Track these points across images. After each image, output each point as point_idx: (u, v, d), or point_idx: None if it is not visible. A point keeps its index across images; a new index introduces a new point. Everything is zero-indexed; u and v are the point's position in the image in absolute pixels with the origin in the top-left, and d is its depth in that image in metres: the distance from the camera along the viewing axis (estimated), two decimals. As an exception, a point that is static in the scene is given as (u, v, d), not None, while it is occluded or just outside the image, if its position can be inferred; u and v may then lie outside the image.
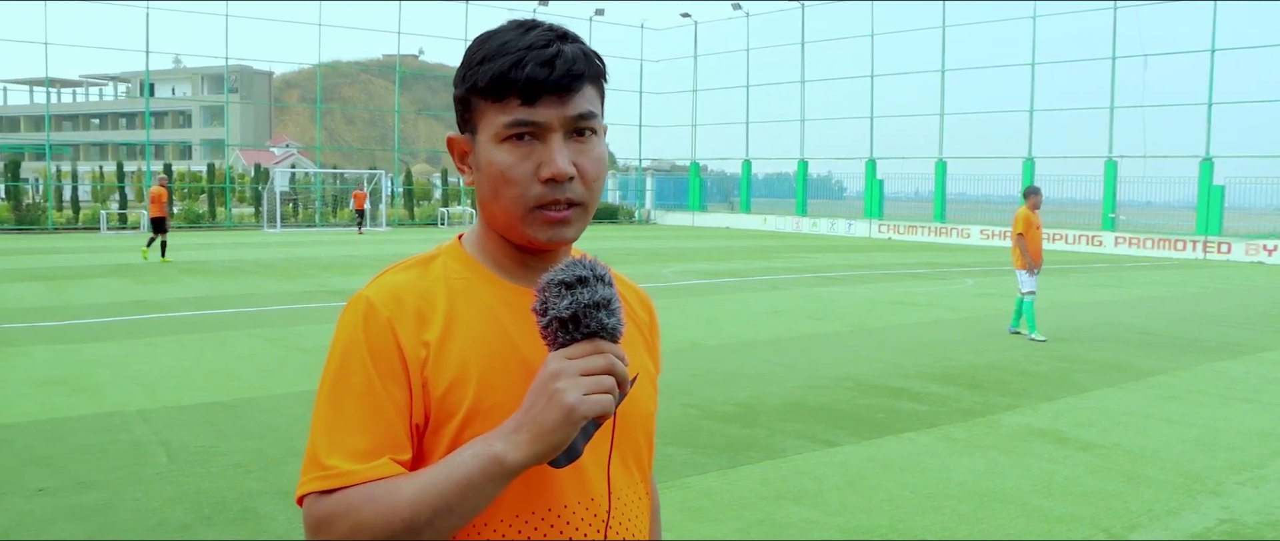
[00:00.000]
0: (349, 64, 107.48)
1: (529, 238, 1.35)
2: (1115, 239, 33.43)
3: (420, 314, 1.33)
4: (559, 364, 1.20)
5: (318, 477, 1.25)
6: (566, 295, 1.22)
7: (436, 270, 1.39)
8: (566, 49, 1.32)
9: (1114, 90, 35.24)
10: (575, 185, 1.33)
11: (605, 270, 1.26)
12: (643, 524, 1.46)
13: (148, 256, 22.39)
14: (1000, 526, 5.33)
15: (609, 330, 1.23)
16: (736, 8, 48.25)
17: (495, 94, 1.31)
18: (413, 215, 45.11)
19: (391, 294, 1.34)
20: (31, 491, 5.61)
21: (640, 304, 1.56)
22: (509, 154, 1.32)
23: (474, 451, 1.22)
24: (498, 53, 1.31)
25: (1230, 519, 5.53)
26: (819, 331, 12.50)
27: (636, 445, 1.45)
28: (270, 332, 11.56)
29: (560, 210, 1.33)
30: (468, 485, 1.20)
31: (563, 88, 1.30)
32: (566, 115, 1.31)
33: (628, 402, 1.39)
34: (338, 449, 1.25)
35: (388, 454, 1.26)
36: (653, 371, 1.52)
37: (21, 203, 36.74)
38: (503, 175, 1.32)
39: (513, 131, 1.31)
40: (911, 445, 6.97)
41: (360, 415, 1.27)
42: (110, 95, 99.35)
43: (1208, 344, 12.06)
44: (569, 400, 1.18)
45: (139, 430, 7.00)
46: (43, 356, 9.82)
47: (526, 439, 1.19)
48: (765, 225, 45.26)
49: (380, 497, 1.21)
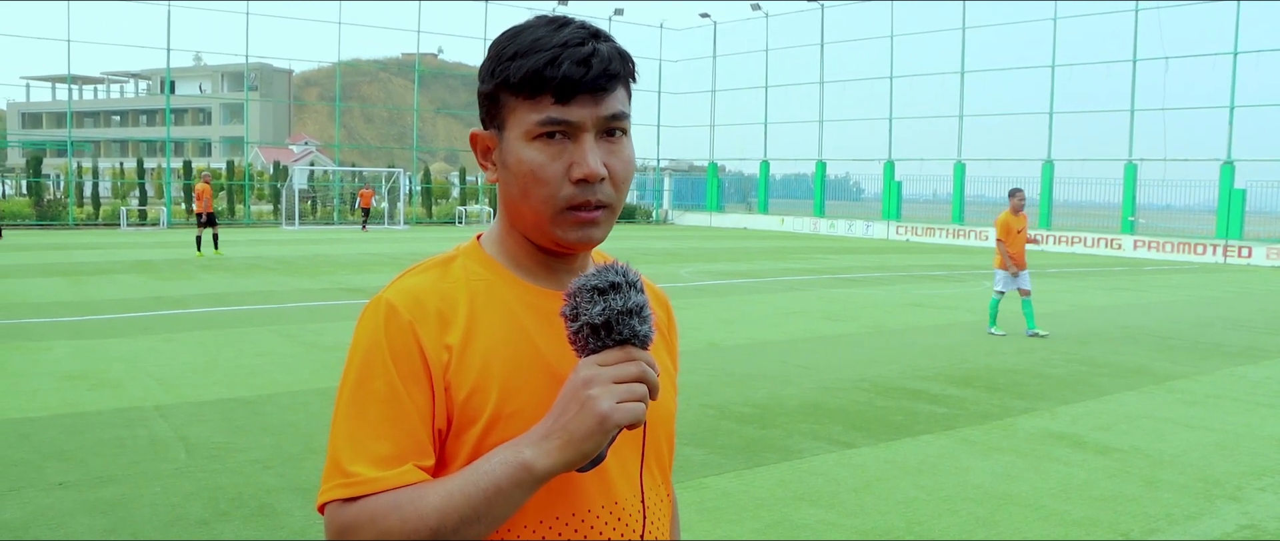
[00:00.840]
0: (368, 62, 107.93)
1: (557, 238, 1.33)
2: (1135, 242, 33.23)
3: (442, 316, 1.30)
4: (591, 371, 1.19)
5: (341, 485, 1.23)
6: (599, 301, 1.20)
7: (456, 272, 1.37)
8: (602, 48, 1.30)
9: (1134, 93, 35.04)
10: (605, 186, 1.31)
11: (637, 276, 1.24)
12: (666, 524, 1.46)
13: (202, 255, 22.39)
14: (1017, 529, 5.30)
15: (641, 337, 1.21)
16: (755, 8, 48.17)
17: (528, 91, 1.28)
18: (430, 213, 45.24)
19: (412, 296, 1.31)
20: (51, 485, 5.65)
21: (658, 303, 1.54)
22: (540, 152, 1.29)
23: (502, 458, 1.20)
24: (531, 49, 1.28)
25: (1250, 524, 5.48)
26: (836, 333, 12.47)
27: (659, 447, 1.44)
28: (288, 329, 11.61)
29: (590, 211, 1.30)
30: (496, 492, 1.18)
31: (597, 87, 1.28)
32: (599, 115, 1.29)
33: (655, 406, 1.36)
34: (361, 455, 1.23)
35: (412, 460, 1.24)
36: (672, 371, 1.51)
37: (43, 198, 36.99)
38: (533, 174, 1.30)
39: (545, 130, 1.28)
40: (928, 447, 6.95)
41: (383, 420, 1.25)
42: (131, 92, 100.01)
43: (1228, 348, 11.98)
44: (603, 408, 1.17)
45: (157, 425, 7.04)
46: (63, 351, 9.88)
47: (557, 446, 1.18)
48: (783, 226, 45.19)
49: (405, 505, 1.19)
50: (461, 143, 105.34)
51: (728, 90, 51.60)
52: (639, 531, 1.36)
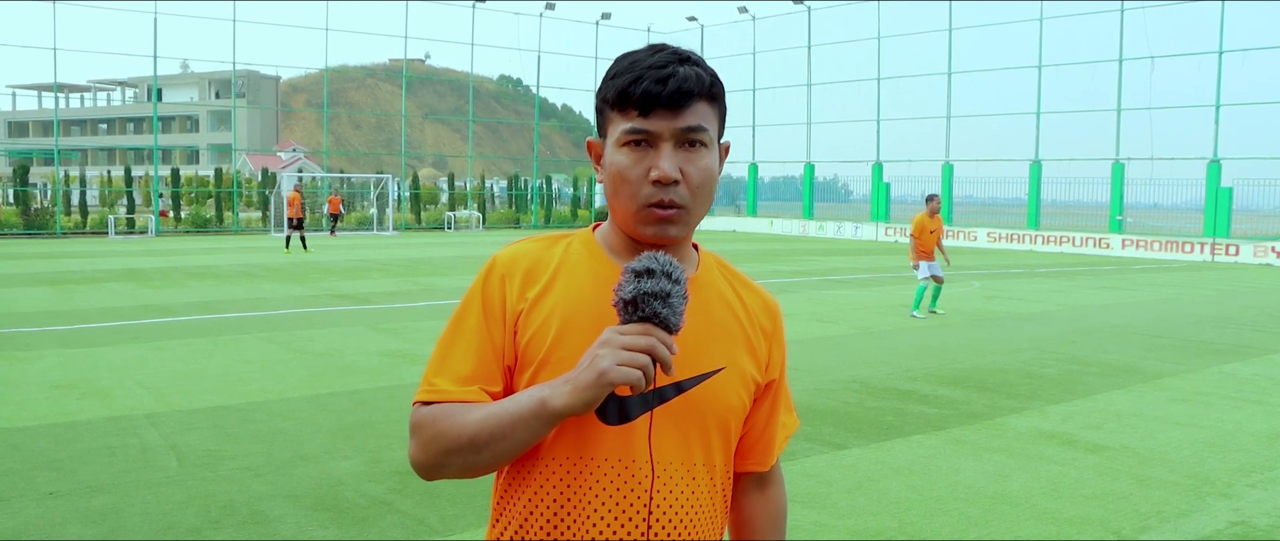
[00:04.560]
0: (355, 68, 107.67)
1: (640, 233, 1.54)
2: (1123, 241, 33.36)
3: (530, 274, 1.58)
4: (608, 335, 1.40)
5: (424, 390, 1.55)
6: (634, 281, 1.39)
7: (561, 246, 1.63)
8: (681, 70, 1.50)
9: (1121, 92, 35.19)
10: (680, 189, 1.51)
11: (676, 269, 1.40)
12: (700, 506, 1.58)
13: (304, 250, 26.41)
14: (1009, 529, 5.32)
15: (661, 318, 1.38)
16: (742, 11, 48.25)
17: (619, 105, 1.52)
18: (419, 219, 45.16)
19: (512, 255, 1.61)
20: (42, 495, 5.62)
21: (765, 311, 1.71)
22: (627, 157, 1.52)
23: (529, 394, 1.44)
24: (625, 70, 1.52)
25: (1241, 520, 5.51)
26: (826, 334, 12.49)
27: (705, 431, 1.58)
28: (278, 336, 11.58)
29: (665, 209, 1.51)
30: (518, 419, 1.43)
31: (674, 103, 1.49)
32: (676, 127, 1.50)
33: (704, 391, 1.56)
34: (445, 371, 1.55)
35: (480, 384, 1.53)
36: (749, 373, 1.64)
37: (30, 207, 36.83)
38: (620, 175, 1.52)
39: (630, 138, 1.51)
40: (920, 448, 6.96)
41: (466, 348, 1.56)
42: (118, 100, 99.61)
43: (1217, 346, 12.03)
44: (602, 365, 1.36)
45: (148, 434, 7.01)
46: (52, 360, 9.84)
47: (568, 391, 1.39)
48: (772, 228, 45.25)
49: (458, 415, 1.48)
50: (449, 148, 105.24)
51: (716, 93, 51.59)
52: (645, 497, 1.52)
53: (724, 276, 1.70)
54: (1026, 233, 36.05)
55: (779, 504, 1.81)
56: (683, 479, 1.55)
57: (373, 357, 10.24)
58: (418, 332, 12.05)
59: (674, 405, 1.54)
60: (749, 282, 1.74)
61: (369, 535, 5.05)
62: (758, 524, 1.77)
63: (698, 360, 1.56)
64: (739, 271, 1.74)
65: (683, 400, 1.55)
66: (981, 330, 13.13)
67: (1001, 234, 36.48)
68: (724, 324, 1.63)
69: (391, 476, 6.05)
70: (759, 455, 1.74)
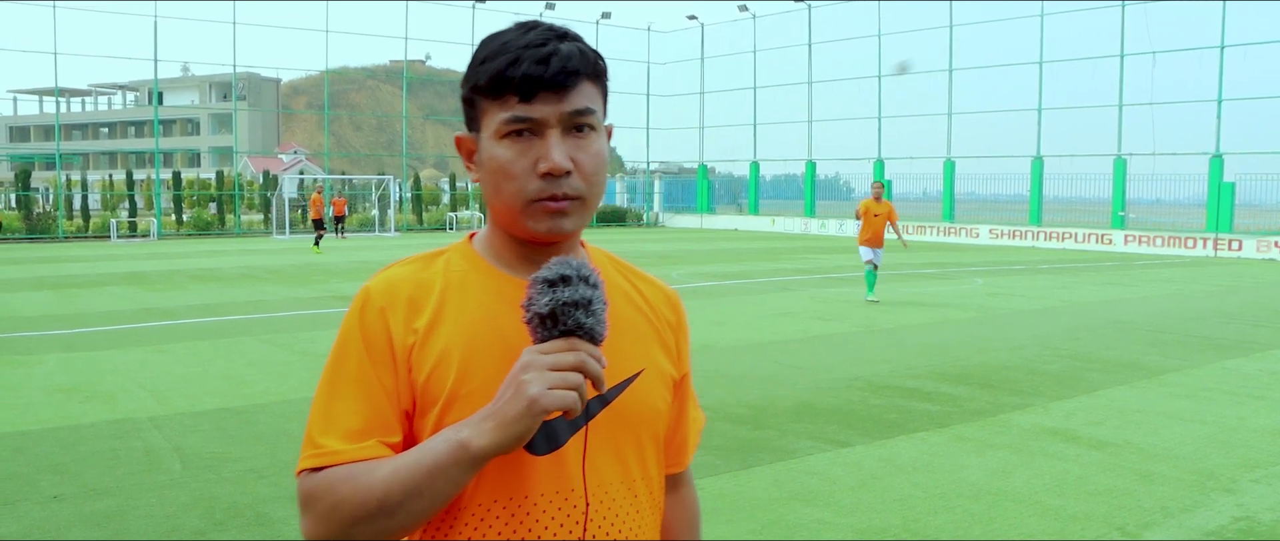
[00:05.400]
0: (356, 70, 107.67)
1: (530, 230, 1.38)
2: (1125, 237, 33.32)
3: (413, 302, 1.38)
4: (530, 357, 1.23)
5: (310, 455, 1.33)
6: (548, 292, 1.24)
7: (438, 264, 1.44)
8: (562, 47, 1.35)
9: (1122, 88, 35.15)
10: (573, 180, 1.35)
11: (591, 272, 1.27)
12: (642, 524, 1.45)
13: (317, 251, 27.34)
14: (1013, 525, 5.31)
15: (586, 329, 1.24)
16: (743, 9, 48.24)
17: (494, 92, 1.35)
18: (421, 220, 45.18)
19: (388, 284, 1.40)
20: (46, 498, 5.63)
21: (666, 303, 1.58)
22: (508, 149, 1.35)
23: (444, 436, 1.25)
24: (498, 52, 1.35)
25: (1245, 516, 5.50)
26: (829, 332, 12.49)
27: (638, 442, 1.45)
28: (281, 338, 11.59)
29: (557, 202, 1.35)
30: (436, 469, 1.24)
31: (558, 84, 1.33)
32: (563, 111, 1.34)
33: (629, 399, 1.42)
34: (331, 429, 1.33)
35: (376, 436, 1.32)
36: (667, 370, 1.51)
37: (32, 212, 36.89)
38: (502, 170, 1.36)
39: (511, 128, 1.34)
40: (923, 445, 6.96)
41: (353, 398, 1.35)
42: (119, 104, 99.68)
43: (1220, 341, 12.02)
44: (531, 392, 1.20)
45: (151, 436, 7.02)
46: (55, 364, 9.85)
47: (491, 427, 1.22)
48: (774, 227, 45.24)
49: (359, 477, 1.28)
50: (451, 149, 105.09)
51: (716, 92, 51.68)
52: (582, 522, 1.37)
53: (620, 272, 1.56)
54: (1028, 229, 36.03)
55: (694, 505, 1.70)
56: (625, 498, 1.42)
57: (375, 359, 10.23)
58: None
59: (603, 420, 1.39)
60: (645, 276, 1.60)
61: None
62: (675, 527, 1.65)
63: (616, 365, 1.39)
64: (631, 265, 1.61)
65: (610, 412, 1.40)
66: (984, 327, 13.12)
67: (1003, 230, 36.45)
68: (633, 323, 1.49)
69: (395, 477, 6.04)
70: (674, 455, 1.62)
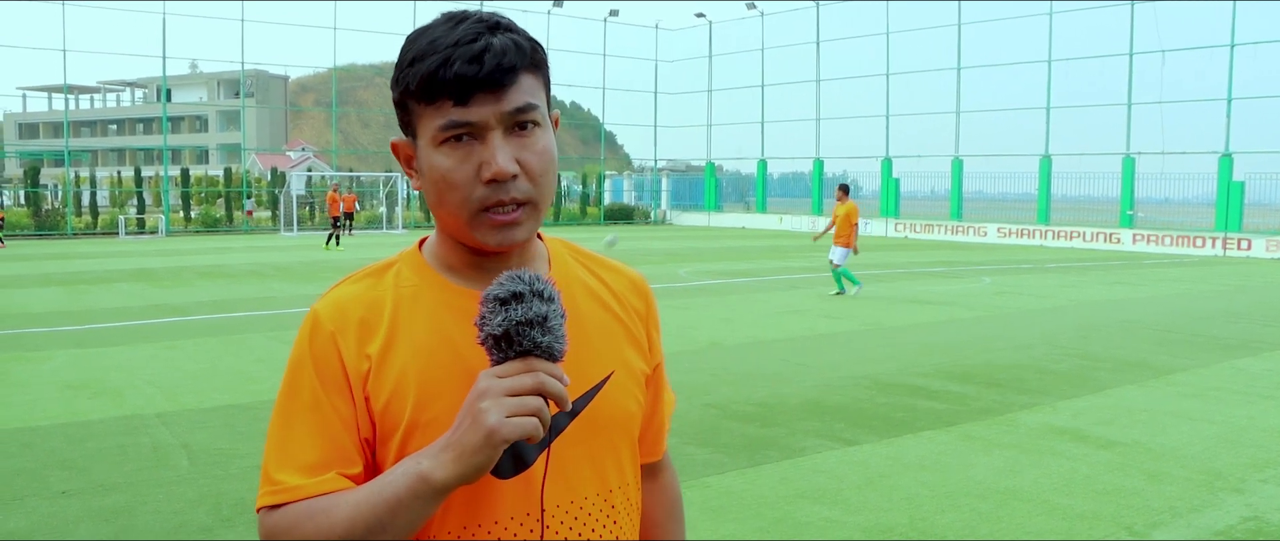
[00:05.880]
0: (364, 67, 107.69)
1: (479, 240, 1.29)
2: (1134, 236, 33.24)
3: (365, 324, 1.30)
4: (486, 383, 1.16)
5: (268, 492, 1.25)
6: (500, 311, 1.17)
7: (389, 279, 1.36)
8: (495, 41, 1.24)
9: (1131, 86, 35.05)
10: (521, 182, 1.26)
11: (546, 286, 1.19)
12: (619, 532, 1.40)
13: (337, 248, 27.86)
14: (1021, 524, 5.30)
15: (543, 348, 1.17)
16: (751, 7, 48.20)
17: (427, 96, 1.25)
18: (428, 218, 45.17)
19: (337, 307, 1.32)
20: (55, 493, 5.65)
21: (634, 291, 1.49)
22: (448, 157, 1.25)
23: (403, 469, 1.18)
24: (427, 52, 1.24)
25: (1254, 516, 5.48)
26: (836, 330, 12.47)
27: (614, 448, 1.38)
28: (289, 335, 11.59)
29: (507, 212, 1.26)
30: (397, 503, 1.17)
31: (495, 83, 1.23)
32: (503, 111, 1.24)
33: (602, 405, 1.35)
34: (287, 463, 1.26)
35: (335, 468, 1.25)
36: (638, 368, 1.44)
37: (41, 208, 37.01)
38: (444, 179, 1.26)
39: (449, 134, 1.25)
40: (931, 443, 6.95)
41: (308, 430, 1.27)
42: (127, 101, 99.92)
43: (1228, 341, 11.98)
44: (490, 422, 1.13)
45: (159, 433, 7.03)
46: (64, 360, 9.88)
47: (451, 458, 1.16)
48: (781, 225, 45.21)
49: (319, 514, 1.21)
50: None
51: (724, 90, 51.65)
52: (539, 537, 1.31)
53: (582, 264, 1.47)
54: (1036, 228, 35.96)
55: (674, 491, 1.64)
56: (601, 509, 1.36)
57: (383, 356, 10.24)
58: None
59: (573, 432, 1.32)
60: (610, 264, 1.50)
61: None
62: (654, 517, 1.59)
63: (582, 372, 1.33)
64: (595, 253, 1.52)
65: (580, 422, 1.33)
66: (991, 326, 13.10)
67: (1011, 229, 36.38)
68: (598, 321, 1.40)
69: (402, 474, 6.05)
70: (649, 446, 1.55)
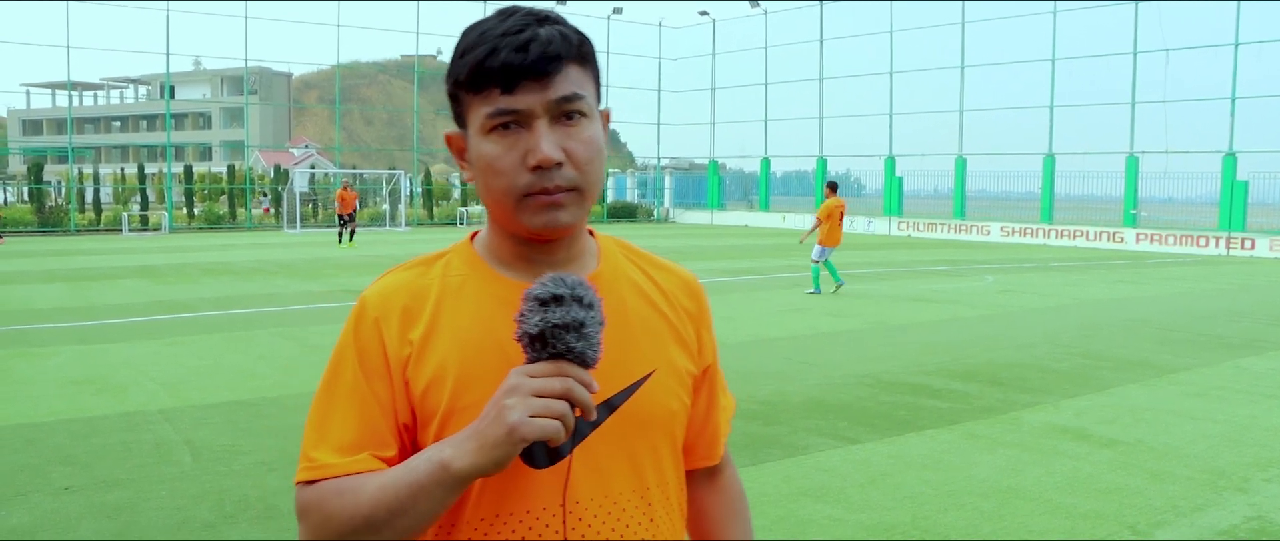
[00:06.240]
0: (367, 65, 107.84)
1: (525, 226, 1.32)
2: (1137, 235, 33.19)
3: (408, 312, 1.34)
4: (515, 380, 1.18)
5: (304, 468, 1.31)
6: (538, 312, 1.18)
7: (437, 269, 1.40)
8: (542, 32, 1.28)
9: (1135, 85, 34.98)
10: (566, 170, 1.29)
11: (588, 292, 1.20)
12: (656, 531, 1.40)
13: (352, 246, 27.94)
14: (1023, 523, 5.30)
15: (577, 353, 1.18)
16: (755, 5, 48.14)
17: (476, 85, 1.29)
18: (432, 215, 45.24)
19: (383, 294, 1.37)
20: (58, 489, 5.66)
21: (685, 291, 1.51)
22: (495, 144, 1.29)
23: (428, 456, 1.21)
24: (476, 43, 1.29)
25: (1258, 515, 5.48)
26: (839, 329, 12.47)
27: (653, 446, 1.39)
28: (292, 332, 11.61)
29: (550, 195, 1.29)
30: (418, 489, 1.20)
31: (540, 72, 1.27)
32: (548, 99, 1.28)
33: (641, 401, 1.36)
34: (324, 442, 1.31)
35: (369, 450, 1.30)
36: (683, 367, 1.45)
37: (44, 205, 37.01)
38: (491, 166, 1.30)
39: (497, 121, 1.28)
40: (933, 442, 6.95)
41: (346, 412, 1.32)
42: (131, 98, 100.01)
43: (1232, 340, 11.97)
44: (512, 419, 1.15)
45: (162, 429, 7.04)
46: (67, 356, 9.89)
47: (472, 449, 1.18)
48: (784, 223, 45.16)
49: (347, 492, 1.25)
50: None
51: (728, 88, 51.60)
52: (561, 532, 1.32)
53: (633, 261, 1.49)
54: (1039, 226, 35.92)
55: (734, 491, 1.63)
56: (637, 506, 1.37)
57: (386, 353, 10.24)
58: (430, 328, 12.06)
59: (610, 427, 1.34)
60: (661, 263, 1.52)
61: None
62: (716, 516, 1.59)
63: (624, 368, 1.35)
64: (648, 252, 1.54)
65: (618, 418, 1.34)
66: (995, 324, 13.09)
67: (1014, 228, 36.34)
68: (645, 319, 1.42)
69: (405, 471, 6.05)
70: (705, 449, 1.56)
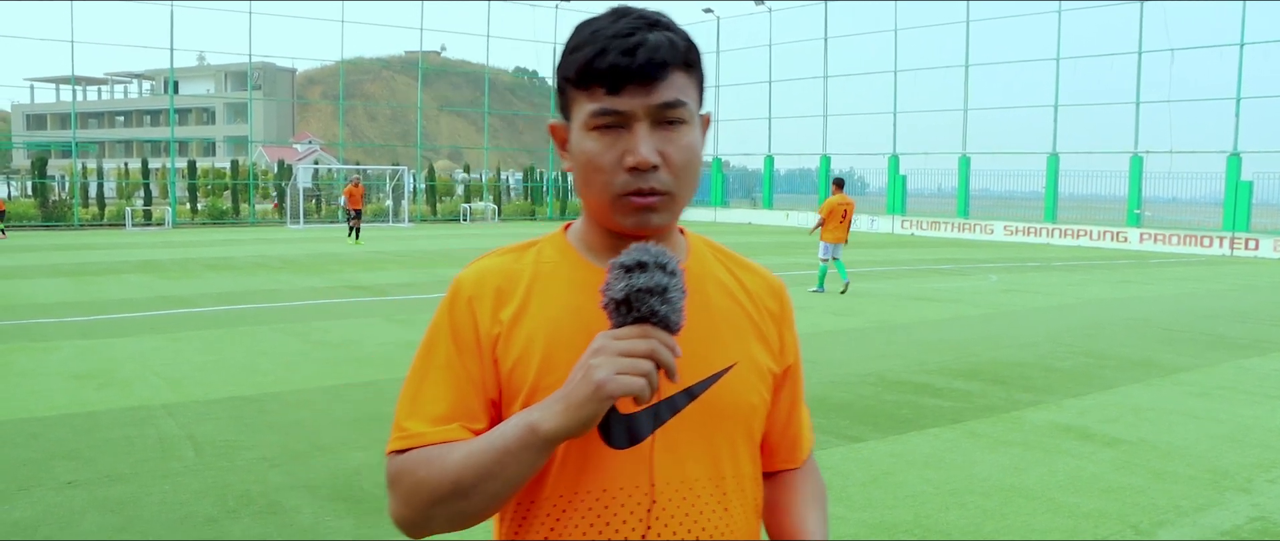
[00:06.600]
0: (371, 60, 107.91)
1: (618, 224, 1.37)
2: (1141, 235, 33.15)
3: (500, 292, 1.41)
4: (602, 342, 1.23)
5: (396, 438, 1.37)
6: (624, 277, 1.23)
7: (530, 255, 1.46)
8: (651, 36, 1.32)
9: (1140, 85, 34.92)
10: (661, 174, 1.33)
11: (670, 259, 1.25)
12: (731, 525, 1.42)
13: (359, 243, 27.56)
14: (1026, 522, 5.30)
15: (660, 317, 1.22)
16: (759, 3, 48.11)
17: (582, 83, 1.33)
18: (435, 211, 45.23)
19: (478, 276, 1.43)
20: (61, 484, 5.66)
21: (770, 293, 1.54)
22: (596, 142, 1.33)
23: (515, 421, 1.27)
24: (587, 41, 1.33)
25: (1260, 516, 5.47)
26: (842, 327, 12.46)
27: (730, 438, 1.42)
28: (295, 327, 11.62)
29: (644, 197, 1.33)
30: (505, 452, 1.26)
31: (646, 76, 1.30)
32: (651, 104, 1.32)
33: (721, 393, 1.40)
34: (416, 413, 1.37)
35: (460, 421, 1.36)
36: (764, 364, 1.47)
37: (48, 199, 37.06)
38: (591, 163, 1.34)
39: (599, 121, 1.33)
40: (936, 441, 6.94)
41: (438, 386, 1.39)
42: (135, 93, 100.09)
43: (1235, 341, 11.95)
44: (599, 376, 1.19)
45: (165, 424, 7.05)
46: (70, 351, 9.90)
47: (560, 410, 1.22)
48: (788, 221, 45.14)
49: (436, 458, 1.31)
50: (465, 140, 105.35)
51: (731, 85, 51.53)
52: (645, 518, 1.35)
53: (719, 260, 1.52)
54: (1043, 226, 35.88)
55: (814, 488, 1.60)
56: (712, 496, 1.39)
57: (389, 349, 10.27)
58: (433, 324, 12.06)
59: (689, 414, 1.37)
60: (748, 264, 1.55)
61: (385, 525, 5.06)
62: (793, 506, 1.55)
63: (706, 359, 1.38)
64: (735, 253, 1.56)
65: (698, 407, 1.38)
66: (998, 323, 13.08)
67: (1018, 227, 36.30)
68: (728, 314, 1.45)
69: (407, 467, 6.05)
70: (786, 451, 1.57)
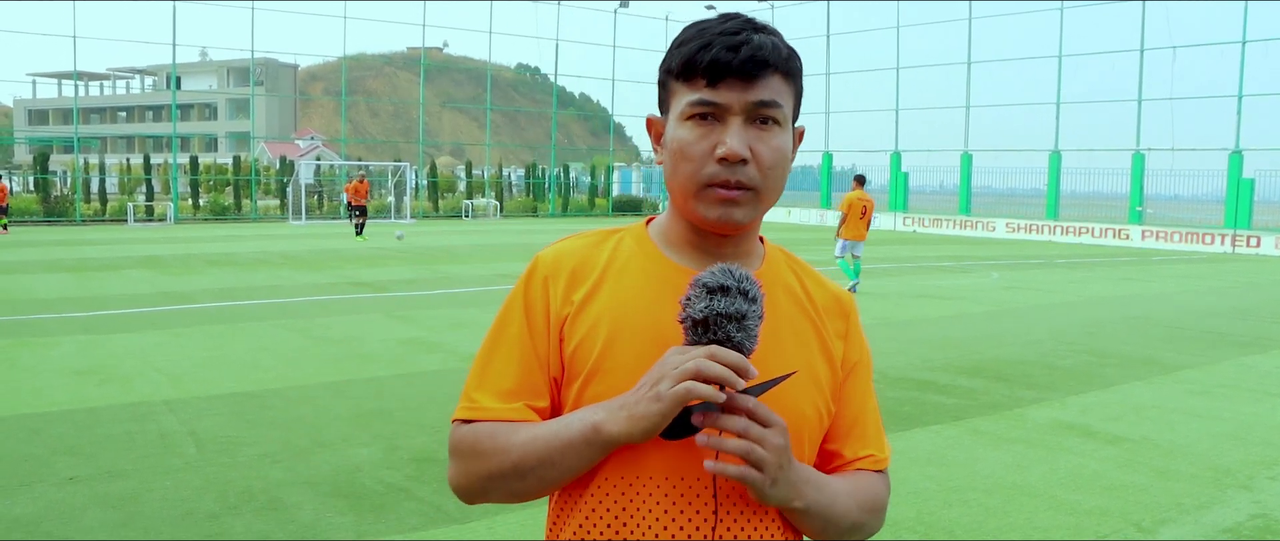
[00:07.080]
0: (373, 57, 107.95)
1: (701, 215, 1.40)
2: (1143, 232, 33.14)
3: (575, 275, 1.44)
4: (676, 358, 1.26)
5: (463, 407, 1.44)
6: (706, 299, 1.26)
7: (610, 243, 1.49)
8: (756, 38, 1.36)
9: (1142, 82, 34.93)
10: (749, 169, 1.36)
11: (753, 286, 1.27)
12: (772, 529, 1.41)
13: (363, 239, 27.54)
14: (1028, 520, 5.29)
15: (735, 343, 1.25)
16: (761, 0, 48.08)
17: (684, 75, 1.38)
18: (437, 207, 45.21)
19: (556, 256, 1.47)
20: (62, 480, 5.66)
21: (836, 306, 1.56)
22: (690, 131, 1.38)
23: (581, 416, 1.33)
24: (694, 37, 1.39)
25: (1262, 513, 5.47)
26: (844, 324, 12.42)
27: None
28: (296, 324, 11.62)
29: (730, 190, 1.36)
30: (567, 445, 1.32)
31: (746, 73, 1.34)
32: (747, 100, 1.36)
33: (778, 397, 1.37)
34: (486, 386, 1.43)
35: (525, 399, 1.41)
36: (821, 375, 1.48)
37: (50, 195, 37.06)
38: (682, 150, 1.38)
39: (696, 111, 1.37)
40: (938, 438, 6.94)
41: (508, 360, 1.43)
42: (137, 88, 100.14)
43: (1237, 338, 11.94)
44: (663, 390, 1.24)
45: (166, 420, 7.05)
46: (72, 347, 9.90)
47: (624, 417, 1.28)
48: (789, 218, 45.16)
49: (500, 436, 1.38)
50: (467, 136, 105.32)
51: (733, 82, 51.52)
52: (711, 520, 1.37)
53: (792, 270, 1.54)
54: (1045, 223, 35.88)
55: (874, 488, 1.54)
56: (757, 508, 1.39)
57: (390, 345, 10.27)
58: (435, 321, 12.07)
59: None
60: (819, 277, 1.57)
61: (386, 522, 5.06)
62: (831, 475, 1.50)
63: (767, 364, 1.37)
64: (808, 265, 1.58)
65: None
66: (1000, 321, 13.07)
67: (1020, 224, 36.30)
68: (793, 322, 1.47)
69: (409, 463, 6.06)
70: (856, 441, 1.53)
